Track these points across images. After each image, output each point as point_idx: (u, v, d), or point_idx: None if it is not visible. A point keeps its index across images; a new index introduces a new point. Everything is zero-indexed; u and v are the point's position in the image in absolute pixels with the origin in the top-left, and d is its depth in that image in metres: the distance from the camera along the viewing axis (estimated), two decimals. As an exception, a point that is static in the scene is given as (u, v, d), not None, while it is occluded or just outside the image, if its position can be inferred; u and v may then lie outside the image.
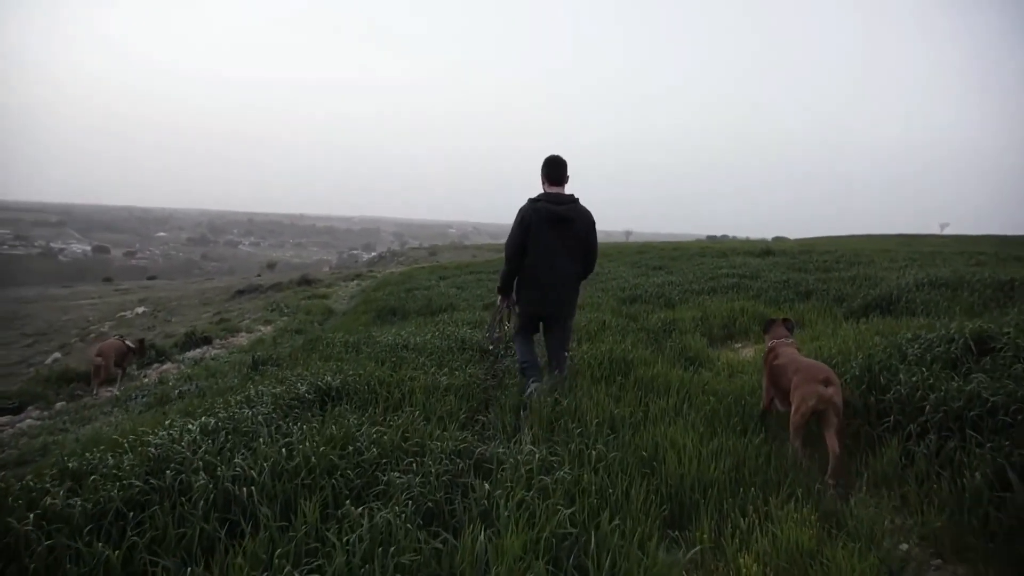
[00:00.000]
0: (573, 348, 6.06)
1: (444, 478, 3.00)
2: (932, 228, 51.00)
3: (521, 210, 4.61)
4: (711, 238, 70.63)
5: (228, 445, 3.22)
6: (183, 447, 3.11)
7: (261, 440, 3.24)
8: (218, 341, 11.60)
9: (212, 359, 9.42)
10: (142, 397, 6.76)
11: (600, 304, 9.68)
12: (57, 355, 18.51)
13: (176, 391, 6.56)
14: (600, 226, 4.79)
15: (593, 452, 3.22)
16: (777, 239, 44.37)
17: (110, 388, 8.10)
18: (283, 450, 3.08)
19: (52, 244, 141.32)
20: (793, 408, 3.68)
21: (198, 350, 10.61)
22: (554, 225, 4.56)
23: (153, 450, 3.06)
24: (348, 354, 6.38)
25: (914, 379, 3.86)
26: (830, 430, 3.50)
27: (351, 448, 3.25)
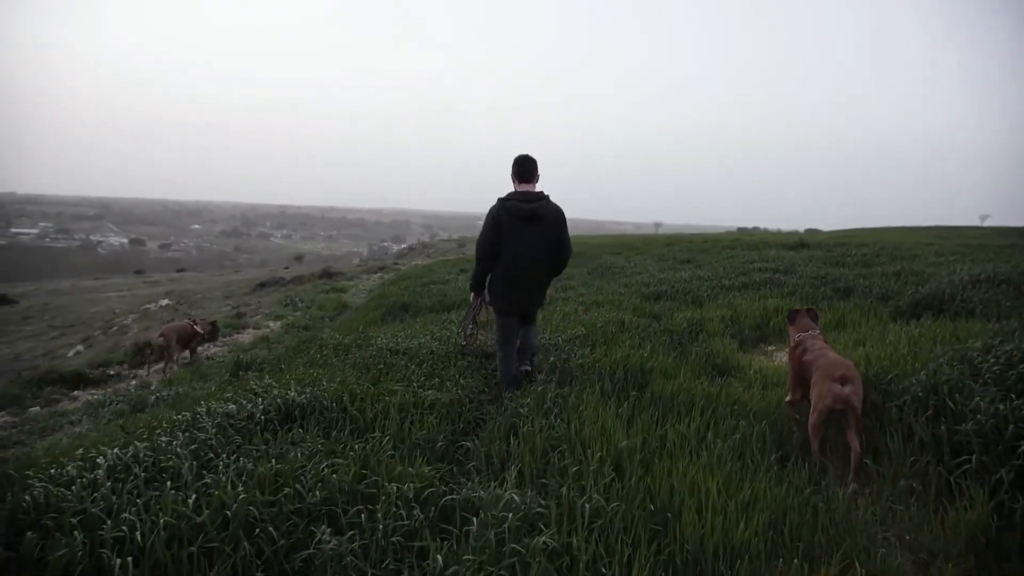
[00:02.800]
0: (588, 357, 5.37)
1: (395, 539, 2.34)
2: (970, 220, 48.62)
3: (491, 209, 4.56)
4: (742, 230, 68.60)
5: (129, 488, 2.60)
6: (71, 492, 2.49)
7: (169, 484, 2.60)
8: (221, 339, 11.15)
9: (208, 358, 8.95)
10: (117, 403, 6.26)
11: (621, 302, 8.93)
12: (79, 348, 18.45)
13: (153, 397, 6.03)
14: (630, 217, 4.26)
15: (587, 505, 2.52)
16: (810, 231, 42.65)
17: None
18: (191, 499, 2.44)
19: (91, 237, 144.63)
20: (811, 406, 3.54)
21: (199, 348, 10.15)
22: (525, 223, 4.51)
23: (29, 498, 2.44)
24: (336, 358, 5.78)
25: (1000, 407, 3.07)
26: (850, 430, 3.38)
27: (287, 492, 2.60)
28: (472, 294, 5.07)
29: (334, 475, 2.79)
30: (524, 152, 4.67)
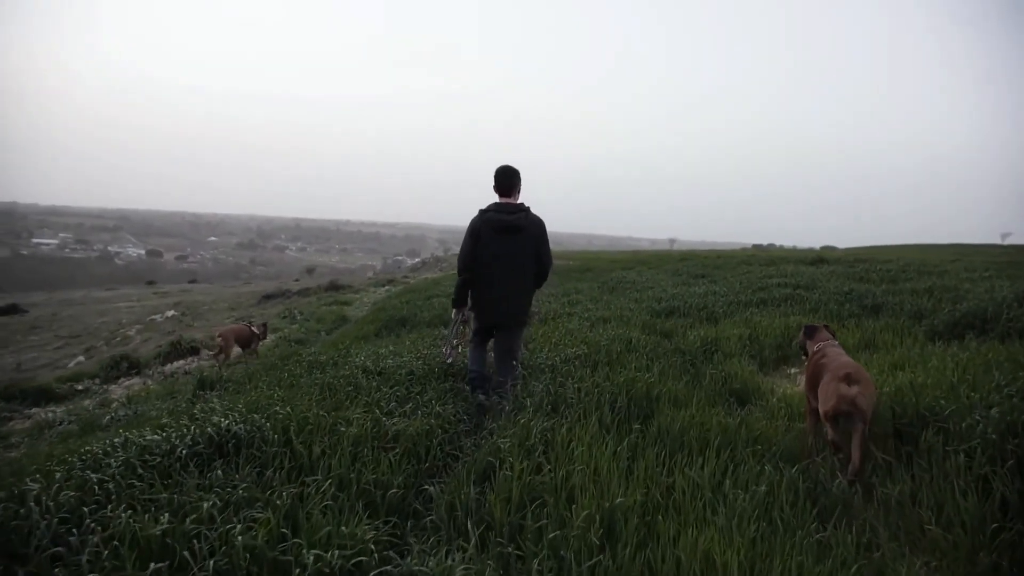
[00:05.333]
0: (586, 380, 4.72)
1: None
2: (990, 238, 47.22)
3: (472, 221, 4.57)
4: (757, 247, 67.34)
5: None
6: None
7: None
8: (207, 352, 10.61)
9: (185, 373, 8.40)
10: (68, 424, 5.69)
11: (629, 318, 8.25)
12: (81, 358, 18.15)
13: (108, 417, 5.45)
14: (645, 234, 3.71)
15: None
16: (826, 248, 41.52)
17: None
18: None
19: (109, 248, 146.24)
20: (820, 410, 3.38)
21: (180, 362, 9.62)
22: (504, 235, 4.47)
23: None
24: (307, 377, 5.17)
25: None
26: (855, 435, 3.14)
27: (169, 562, 1.98)
28: (454, 310, 4.97)
29: (240, 537, 2.16)
30: (506, 164, 4.63)
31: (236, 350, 9.76)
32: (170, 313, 26.90)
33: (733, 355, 6.02)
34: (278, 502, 2.51)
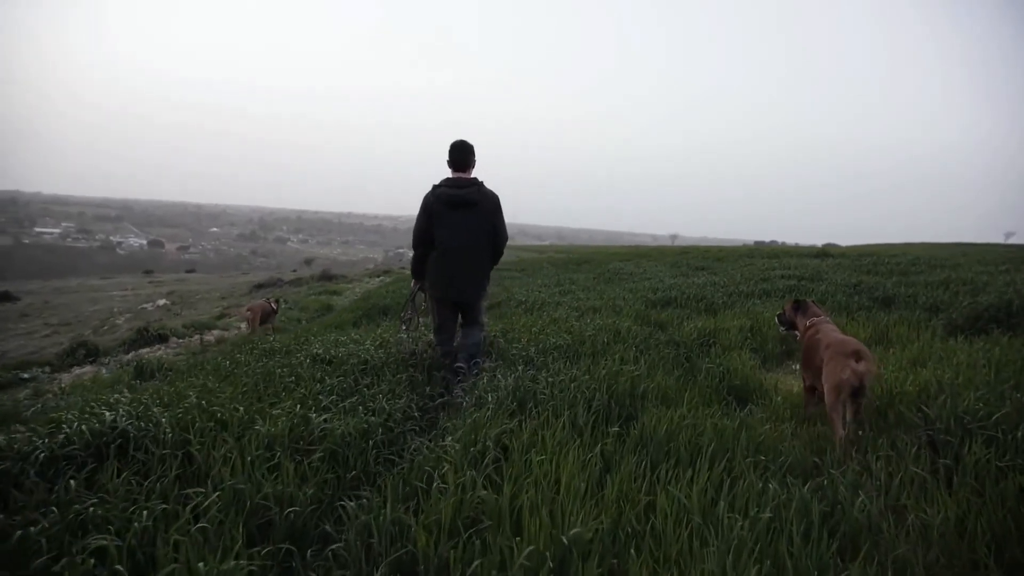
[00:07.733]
0: (562, 373, 4.10)
1: None
2: (992, 237, 46.57)
3: (424, 197, 4.48)
4: (759, 243, 66.40)
5: None
6: None
7: None
8: (175, 340, 10.02)
9: (143, 362, 7.82)
10: (-12, 415, 5.13)
11: (622, 308, 7.65)
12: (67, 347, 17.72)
13: (31, 410, 4.88)
14: (646, 229, 3.17)
15: None
16: (828, 245, 40.88)
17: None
18: None
19: (111, 238, 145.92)
20: (826, 388, 3.34)
21: (145, 350, 9.03)
22: (457, 209, 4.41)
23: None
24: (256, 364, 4.59)
25: None
26: (858, 403, 3.21)
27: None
28: (413, 281, 4.98)
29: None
30: (461, 139, 4.55)
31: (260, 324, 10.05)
32: (162, 302, 26.48)
33: (733, 348, 5.43)
34: (135, 524, 1.92)
